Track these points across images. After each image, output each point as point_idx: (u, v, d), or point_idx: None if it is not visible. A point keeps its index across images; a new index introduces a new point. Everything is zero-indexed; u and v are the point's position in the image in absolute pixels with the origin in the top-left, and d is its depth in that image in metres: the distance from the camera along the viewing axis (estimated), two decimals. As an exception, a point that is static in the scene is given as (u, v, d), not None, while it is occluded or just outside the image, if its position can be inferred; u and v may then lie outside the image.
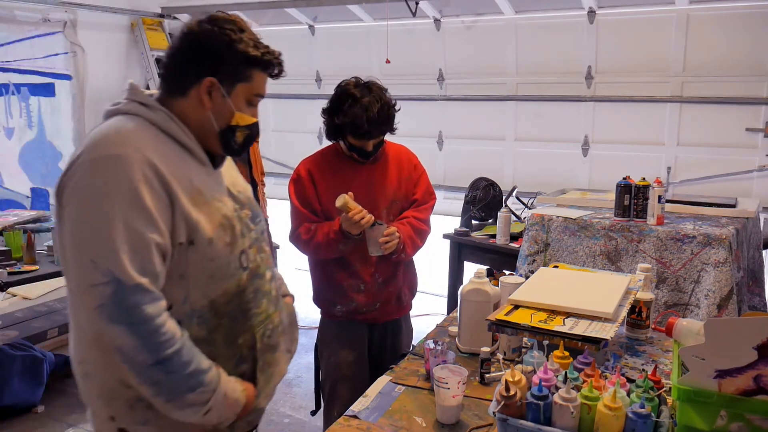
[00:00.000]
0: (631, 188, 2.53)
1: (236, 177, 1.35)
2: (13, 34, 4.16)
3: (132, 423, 1.19)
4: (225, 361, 1.22)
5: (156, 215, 1.08)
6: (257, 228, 1.31)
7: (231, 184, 1.29)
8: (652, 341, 1.74)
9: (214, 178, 1.24)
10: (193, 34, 1.18)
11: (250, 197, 1.34)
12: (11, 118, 4.25)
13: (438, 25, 4.22)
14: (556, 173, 3.97)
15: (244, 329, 1.25)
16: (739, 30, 3.41)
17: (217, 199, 1.21)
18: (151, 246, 1.07)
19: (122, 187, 1.06)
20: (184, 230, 1.13)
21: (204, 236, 1.15)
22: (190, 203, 1.14)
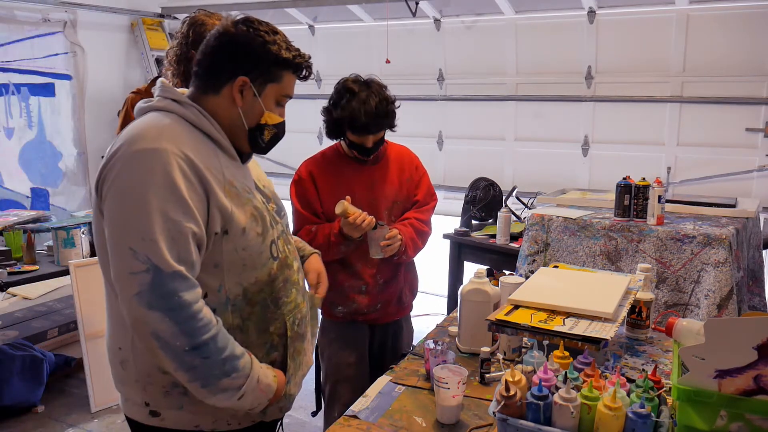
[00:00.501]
0: (631, 188, 2.53)
1: (260, 173, 1.42)
2: (13, 34, 4.16)
3: (166, 408, 1.24)
4: (257, 348, 1.27)
5: (192, 206, 1.13)
6: (282, 221, 1.39)
7: (256, 179, 1.35)
8: (652, 341, 1.74)
9: (243, 173, 1.29)
10: (229, 35, 1.23)
11: (273, 192, 1.42)
12: (11, 118, 4.25)
13: (438, 25, 4.22)
14: (556, 173, 3.98)
15: (275, 317, 1.30)
16: (739, 30, 3.41)
17: (247, 191, 1.26)
18: (188, 235, 1.12)
19: (160, 178, 1.11)
20: (219, 220, 1.18)
21: (238, 226, 1.21)
22: (224, 194, 1.19)
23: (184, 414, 1.25)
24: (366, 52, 4.44)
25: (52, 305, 3.83)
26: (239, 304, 1.24)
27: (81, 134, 4.62)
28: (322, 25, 4.63)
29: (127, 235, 1.10)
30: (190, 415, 1.25)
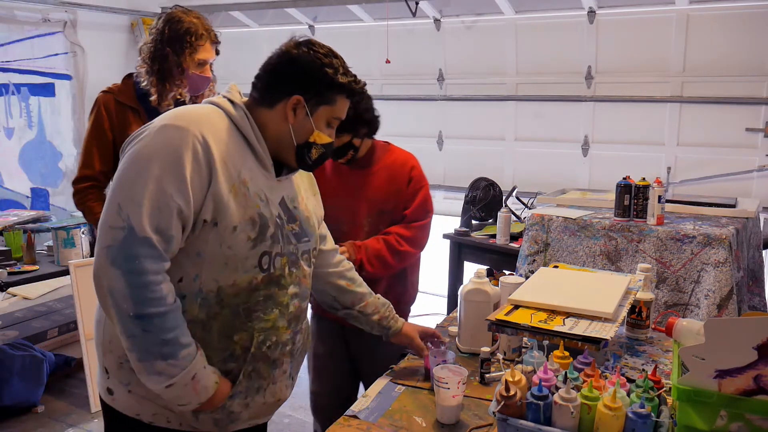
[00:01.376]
0: (631, 188, 2.53)
1: (303, 197, 1.43)
2: (13, 34, 4.16)
3: (117, 382, 1.27)
4: (215, 351, 1.26)
5: (189, 185, 1.16)
6: (301, 246, 1.37)
7: (291, 198, 1.37)
8: (652, 341, 1.74)
9: (271, 184, 1.31)
10: (291, 55, 1.30)
11: (309, 218, 1.41)
12: (11, 118, 4.25)
13: (438, 25, 4.22)
14: (556, 173, 3.98)
15: (243, 328, 1.27)
16: (739, 30, 3.41)
17: (260, 198, 1.27)
18: (173, 210, 1.15)
19: (170, 151, 1.16)
20: (211, 208, 1.19)
21: (229, 222, 1.21)
22: (229, 189, 1.21)
23: (131, 398, 1.26)
24: (366, 52, 4.44)
25: (52, 305, 3.83)
26: (210, 301, 1.23)
27: (81, 134, 4.61)
28: (322, 25, 4.63)
29: (120, 192, 1.15)
30: (134, 400, 1.26)
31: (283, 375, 1.38)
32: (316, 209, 1.50)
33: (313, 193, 1.52)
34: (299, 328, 1.40)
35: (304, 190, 1.45)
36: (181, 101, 2.16)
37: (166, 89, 2.14)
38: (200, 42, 2.12)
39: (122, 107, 2.18)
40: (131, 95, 2.20)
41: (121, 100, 2.19)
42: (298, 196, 1.40)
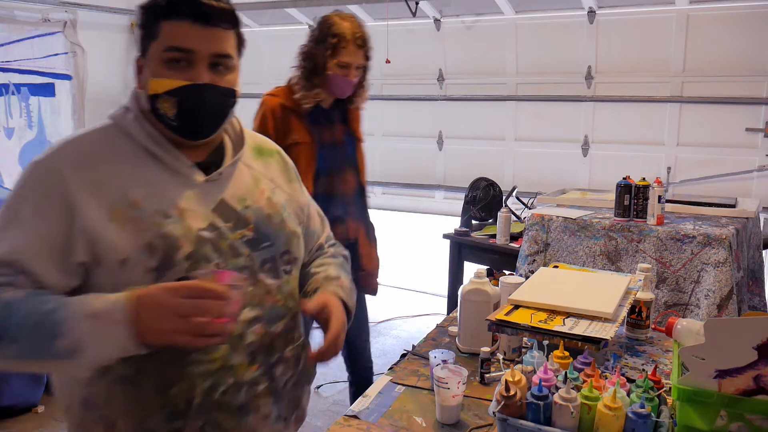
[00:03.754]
0: (631, 188, 2.53)
1: (266, 188, 1.18)
2: (13, 34, 4.16)
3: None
4: (154, 411, 1.04)
5: (24, 227, 0.98)
6: (258, 255, 1.12)
7: (239, 198, 1.12)
8: (652, 341, 1.74)
9: (194, 190, 1.07)
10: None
11: (272, 216, 1.16)
12: (11, 118, 4.25)
13: (438, 25, 4.22)
14: (556, 173, 3.98)
15: (179, 377, 1.03)
16: (739, 30, 3.41)
17: (166, 215, 1.03)
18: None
19: (17, 189, 1.02)
20: (83, 247, 0.98)
21: (114, 256, 0.98)
22: (107, 217, 0.99)
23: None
24: (366, 52, 4.43)
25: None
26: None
27: (81, 134, 4.62)
28: (322, 25, 4.62)
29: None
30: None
31: (264, 420, 1.14)
32: (291, 200, 1.24)
33: (287, 180, 1.26)
34: (277, 358, 1.15)
35: (269, 180, 1.21)
36: (320, 102, 2.23)
37: (308, 89, 2.18)
38: (342, 44, 2.14)
39: (286, 111, 2.21)
40: (291, 98, 2.24)
41: (286, 103, 2.21)
42: (256, 190, 1.16)
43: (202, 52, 1.03)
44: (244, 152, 1.18)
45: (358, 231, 2.39)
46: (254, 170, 1.19)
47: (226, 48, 1.06)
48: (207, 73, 1.04)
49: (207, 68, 1.04)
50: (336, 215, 2.28)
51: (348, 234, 2.34)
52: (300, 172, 2.22)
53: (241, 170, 1.16)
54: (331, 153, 2.28)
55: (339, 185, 2.31)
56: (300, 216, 1.27)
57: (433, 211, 4.37)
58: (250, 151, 1.21)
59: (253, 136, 1.27)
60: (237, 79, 1.10)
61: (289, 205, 1.23)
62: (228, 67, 1.07)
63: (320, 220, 1.41)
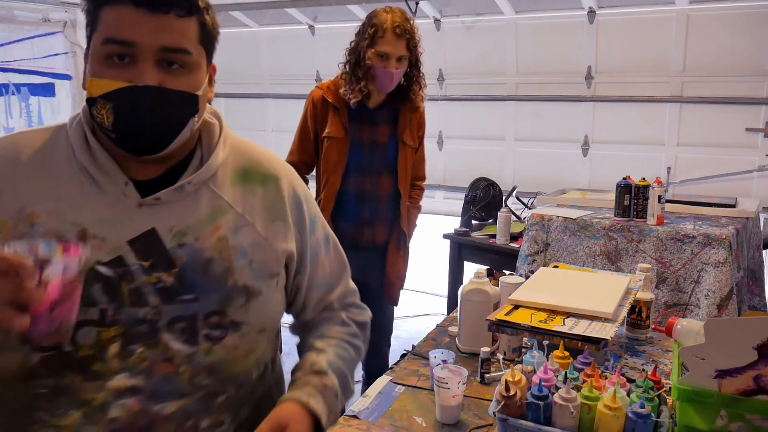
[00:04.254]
0: (631, 188, 2.53)
1: (231, 226, 0.93)
2: (13, 34, 4.16)
3: None
4: None
5: None
6: (171, 309, 0.87)
7: (175, 231, 0.88)
8: (652, 341, 1.74)
9: (120, 213, 0.87)
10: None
11: (213, 263, 0.89)
12: (11, 118, 4.25)
13: (438, 25, 4.22)
14: (556, 173, 3.98)
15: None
16: (739, 30, 3.41)
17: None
18: None
19: None
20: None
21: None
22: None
23: None
24: (366, 52, 4.44)
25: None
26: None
27: (81, 134, 4.62)
28: (322, 25, 4.63)
29: None
30: None
31: None
32: (263, 244, 0.95)
33: (271, 217, 0.97)
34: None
35: (239, 215, 0.93)
36: (366, 100, 2.22)
37: (352, 83, 2.17)
38: (380, 34, 2.13)
39: (326, 104, 2.22)
40: (336, 92, 2.24)
41: (327, 97, 2.23)
42: (207, 225, 0.90)
43: (147, 45, 0.81)
44: (211, 174, 0.92)
45: (388, 236, 2.36)
46: (220, 199, 0.92)
47: (180, 41, 0.83)
48: (153, 73, 0.82)
49: (154, 66, 0.82)
50: (364, 217, 2.28)
51: (375, 238, 2.33)
52: (330, 167, 2.22)
53: (197, 197, 0.91)
54: (369, 153, 2.25)
55: (371, 186, 2.28)
56: (272, 266, 0.95)
57: (433, 211, 4.37)
58: (230, 174, 0.95)
59: (248, 154, 1.00)
60: (200, 81, 0.87)
61: (254, 251, 0.93)
62: (185, 65, 0.84)
63: (336, 269, 1.09)
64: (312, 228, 1.04)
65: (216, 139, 0.96)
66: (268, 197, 0.98)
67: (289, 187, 1.01)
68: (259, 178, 0.99)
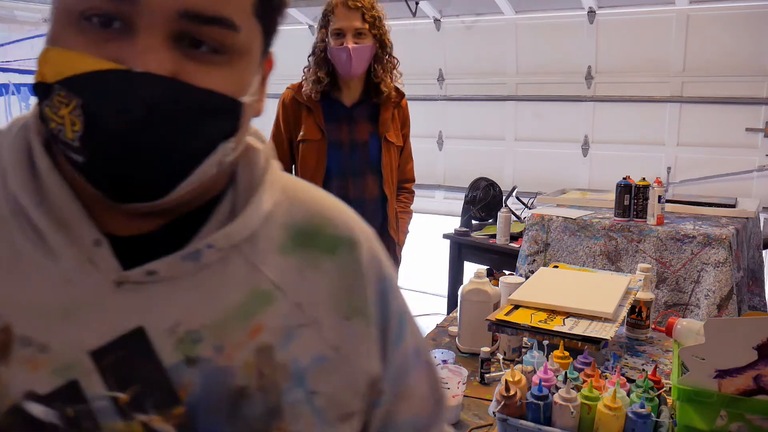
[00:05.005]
0: (631, 188, 2.53)
1: (241, 317, 0.49)
2: (13, 34, 4.17)
3: None
4: None
5: None
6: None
7: (180, 333, 0.47)
8: (652, 341, 1.74)
9: (82, 297, 0.46)
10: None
11: (239, 390, 0.48)
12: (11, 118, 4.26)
13: (438, 25, 4.22)
14: (556, 173, 3.98)
15: None
16: (739, 30, 3.41)
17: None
18: None
19: None
20: None
21: None
22: None
23: None
24: (366, 52, 4.44)
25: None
26: None
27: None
28: (322, 25, 4.63)
29: None
30: None
31: None
32: (336, 364, 0.53)
33: (344, 315, 0.54)
34: None
35: (293, 305, 0.52)
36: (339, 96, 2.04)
37: (311, 74, 2.01)
38: (331, 9, 1.97)
39: (297, 104, 2.06)
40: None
41: (297, 97, 2.06)
42: (237, 323, 0.49)
43: (158, 3, 0.43)
44: (247, 233, 0.52)
45: None
46: (261, 278, 0.51)
47: (219, 4, 0.44)
48: (163, 53, 0.43)
49: (166, 42, 0.43)
50: None
51: None
52: (308, 172, 2.00)
53: (222, 272, 0.50)
54: (349, 154, 2.07)
55: (356, 190, 2.08)
56: (347, 401, 0.53)
57: (433, 211, 4.37)
58: (278, 236, 0.54)
59: (308, 203, 0.58)
60: (247, 78, 0.49)
61: (319, 375, 0.52)
62: (224, 49, 0.45)
63: (430, 401, 0.66)
64: (400, 332, 0.60)
65: (259, 175, 0.54)
66: (340, 277, 0.55)
67: (371, 261, 0.58)
68: (327, 245, 0.56)
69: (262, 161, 0.55)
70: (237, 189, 0.54)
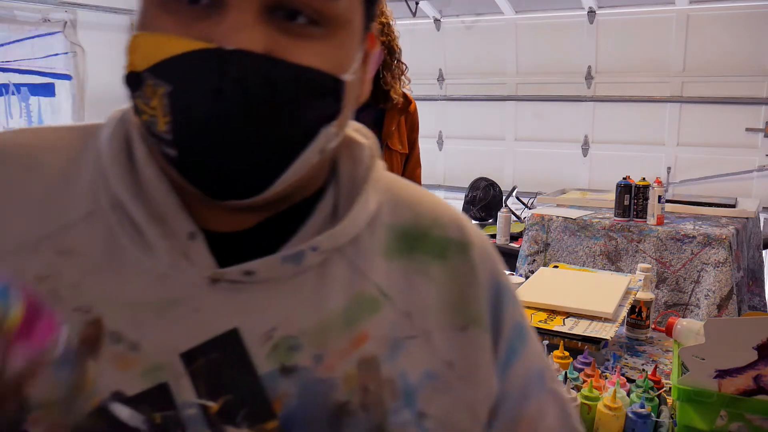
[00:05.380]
0: (631, 188, 2.53)
1: (345, 324, 0.45)
2: (13, 34, 4.16)
3: None
4: None
5: None
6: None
7: (276, 338, 0.43)
8: (652, 341, 1.74)
9: (168, 293, 0.43)
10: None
11: (341, 406, 0.43)
12: (11, 118, 4.25)
13: (438, 25, 4.22)
14: (556, 173, 3.98)
15: None
16: (739, 30, 3.41)
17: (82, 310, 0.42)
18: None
19: None
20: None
21: None
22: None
23: None
24: (366, 52, 4.44)
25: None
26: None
27: (81, 134, 4.62)
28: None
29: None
30: None
31: None
32: (450, 384, 0.47)
33: (457, 325, 0.49)
34: None
35: (401, 314, 0.47)
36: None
37: None
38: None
39: None
40: None
41: None
42: (340, 330, 0.45)
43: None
44: (352, 235, 0.48)
45: None
46: (367, 283, 0.47)
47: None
48: (256, 28, 0.39)
49: (258, 16, 0.39)
50: None
51: None
52: None
53: (323, 275, 0.46)
54: None
55: None
56: (464, 425, 0.48)
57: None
58: (384, 238, 0.50)
59: (414, 203, 0.54)
60: (349, 54, 0.44)
61: (430, 394, 0.46)
62: (323, 21, 0.41)
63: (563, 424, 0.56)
64: (516, 346, 0.53)
65: (364, 173, 0.51)
66: (452, 283, 0.50)
67: (484, 264, 0.53)
68: (436, 248, 0.51)
69: (367, 157, 0.51)
70: (339, 186, 0.50)
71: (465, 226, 0.54)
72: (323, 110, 0.42)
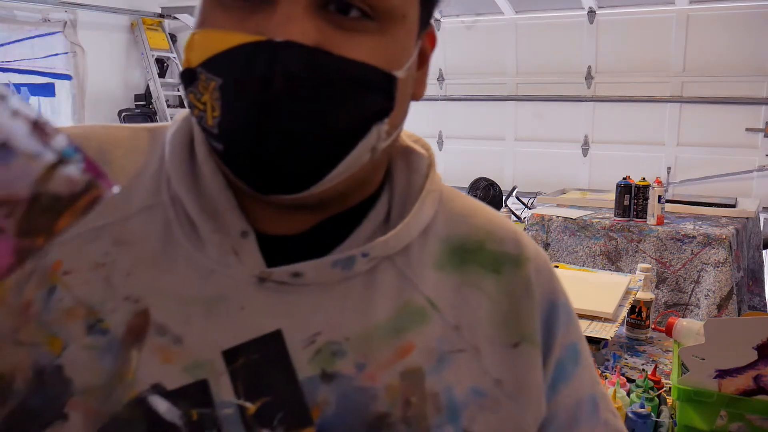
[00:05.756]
0: (631, 188, 2.53)
1: (392, 334, 0.44)
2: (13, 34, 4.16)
3: None
4: None
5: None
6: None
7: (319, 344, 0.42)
8: (652, 341, 1.74)
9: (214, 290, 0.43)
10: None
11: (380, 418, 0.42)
12: (11, 118, 4.26)
13: (438, 25, 4.22)
14: (556, 173, 3.98)
15: None
16: (739, 30, 3.41)
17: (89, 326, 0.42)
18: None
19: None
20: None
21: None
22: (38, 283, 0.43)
23: None
24: (366, 52, 4.44)
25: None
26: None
27: (81, 134, 4.62)
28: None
29: None
30: None
31: None
32: (498, 403, 0.45)
33: (509, 342, 0.47)
34: None
35: (461, 328, 0.46)
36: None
37: None
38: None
39: None
40: None
41: None
42: (391, 342, 0.44)
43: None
44: (404, 243, 0.47)
45: None
46: (415, 292, 0.46)
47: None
48: (306, 21, 0.39)
49: (309, 9, 0.39)
50: None
51: None
52: None
53: (372, 282, 0.45)
54: None
55: None
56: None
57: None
58: (437, 249, 0.49)
59: (467, 215, 0.52)
60: (404, 50, 0.43)
61: (477, 412, 0.45)
62: (376, 15, 0.40)
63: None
64: (567, 368, 0.51)
65: (420, 182, 0.50)
66: (505, 299, 0.49)
67: (540, 280, 0.52)
68: (490, 262, 0.50)
69: (424, 167, 0.50)
70: (393, 193, 0.49)
71: (522, 241, 0.53)
72: (373, 106, 0.41)
